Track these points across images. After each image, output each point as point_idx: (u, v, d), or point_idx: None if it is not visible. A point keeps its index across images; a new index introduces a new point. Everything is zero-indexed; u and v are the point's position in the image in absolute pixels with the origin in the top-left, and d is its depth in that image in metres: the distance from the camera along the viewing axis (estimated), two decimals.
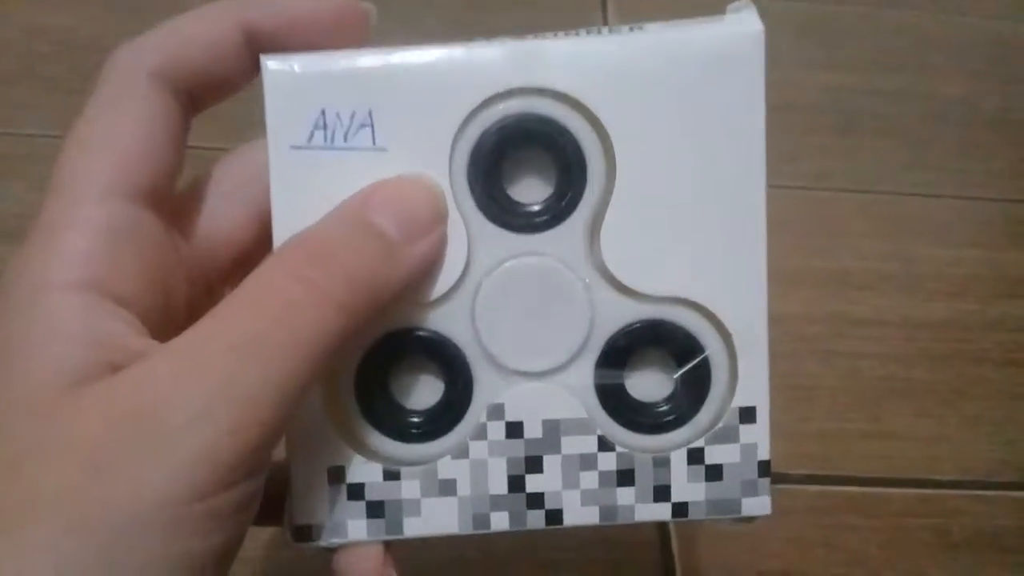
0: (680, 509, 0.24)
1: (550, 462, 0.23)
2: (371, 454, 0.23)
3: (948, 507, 0.41)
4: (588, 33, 0.22)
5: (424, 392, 0.24)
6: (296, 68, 0.22)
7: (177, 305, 0.22)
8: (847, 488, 0.41)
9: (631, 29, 0.22)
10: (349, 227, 0.21)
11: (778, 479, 0.37)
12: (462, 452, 0.23)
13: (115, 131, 0.21)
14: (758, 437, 0.23)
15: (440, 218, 0.22)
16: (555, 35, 0.22)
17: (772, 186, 0.23)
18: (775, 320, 0.23)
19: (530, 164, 0.23)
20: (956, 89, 0.57)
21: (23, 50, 0.50)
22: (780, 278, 0.24)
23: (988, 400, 0.44)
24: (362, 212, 0.21)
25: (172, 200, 0.22)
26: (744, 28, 0.22)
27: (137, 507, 0.17)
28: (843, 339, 0.45)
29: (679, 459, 0.24)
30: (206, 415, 0.18)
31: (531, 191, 0.23)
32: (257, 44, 0.22)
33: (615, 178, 0.22)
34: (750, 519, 0.24)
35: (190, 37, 0.21)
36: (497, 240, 0.23)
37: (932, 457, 0.42)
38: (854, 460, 0.42)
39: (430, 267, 0.22)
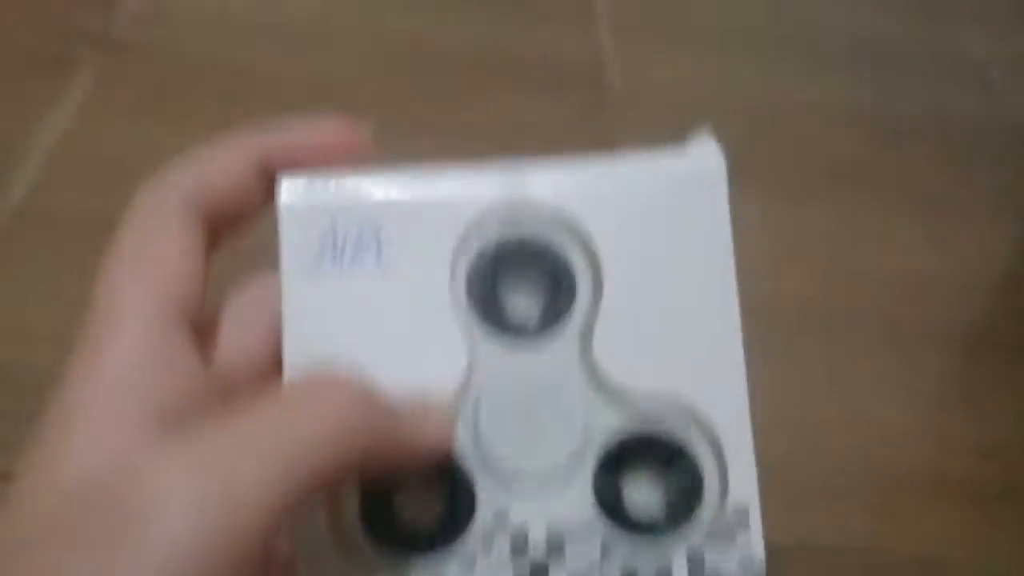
0: None
1: (555, 570, 0.23)
2: (378, 570, 0.23)
3: None
4: (572, 161, 0.25)
5: (428, 504, 0.24)
6: (307, 192, 0.24)
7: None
8: None
9: (611, 157, 0.25)
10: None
11: None
12: (468, 564, 0.23)
13: (152, 255, 0.22)
14: (752, 538, 0.24)
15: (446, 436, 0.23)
16: (543, 161, 0.25)
17: None
18: None
19: (524, 278, 0.25)
20: None
21: None
22: None
23: None
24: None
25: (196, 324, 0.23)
26: (707, 160, 0.25)
27: None
28: None
29: (680, 566, 0.24)
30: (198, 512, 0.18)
31: (525, 304, 0.24)
32: (272, 170, 0.24)
33: (603, 290, 0.24)
34: None
35: (215, 167, 0.23)
36: (495, 352, 0.24)
37: None
38: None
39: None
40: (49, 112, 0.68)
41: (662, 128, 0.31)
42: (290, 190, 0.24)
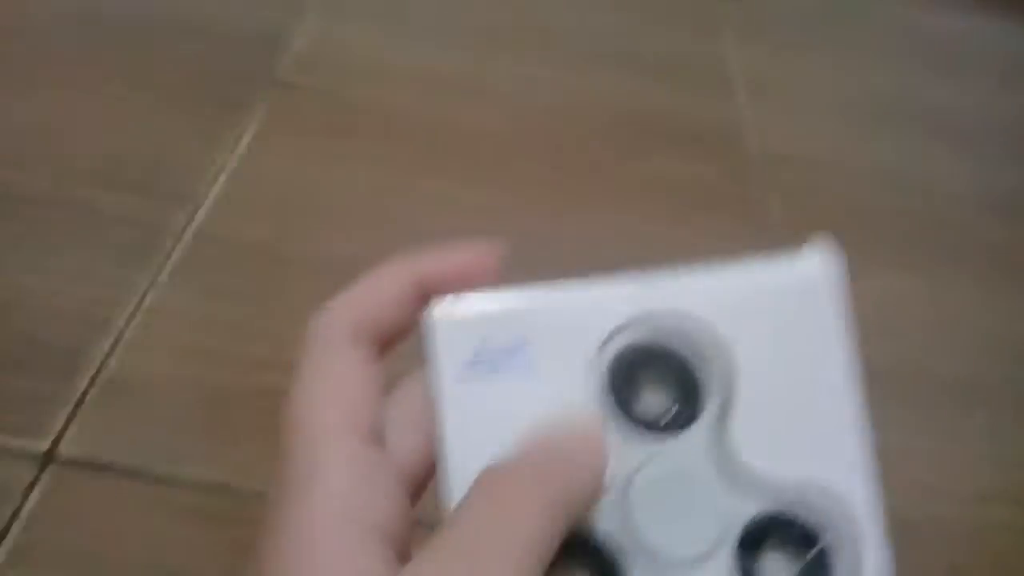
0: None
1: None
2: None
3: None
4: (708, 267, 0.27)
5: None
6: (456, 314, 0.26)
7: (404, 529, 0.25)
8: None
9: (736, 264, 0.27)
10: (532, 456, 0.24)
11: None
12: None
13: (338, 384, 0.24)
14: None
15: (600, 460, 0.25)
16: (669, 269, 0.27)
17: None
18: None
19: (656, 380, 0.26)
20: None
21: None
22: None
23: None
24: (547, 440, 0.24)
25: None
26: (822, 260, 0.27)
27: None
28: None
29: None
30: None
31: (659, 403, 0.26)
32: (426, 292, 0.26)
33: (735, 386, 0.26)
34: None
35: (378, 296, 0.26)
36: (634, 445, 0.26)
37: None
38: None
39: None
40: (226, 146, 0.73)
41: None
42: (442, 309, 0.26)
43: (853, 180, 0.85)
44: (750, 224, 0.78)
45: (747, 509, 0.26)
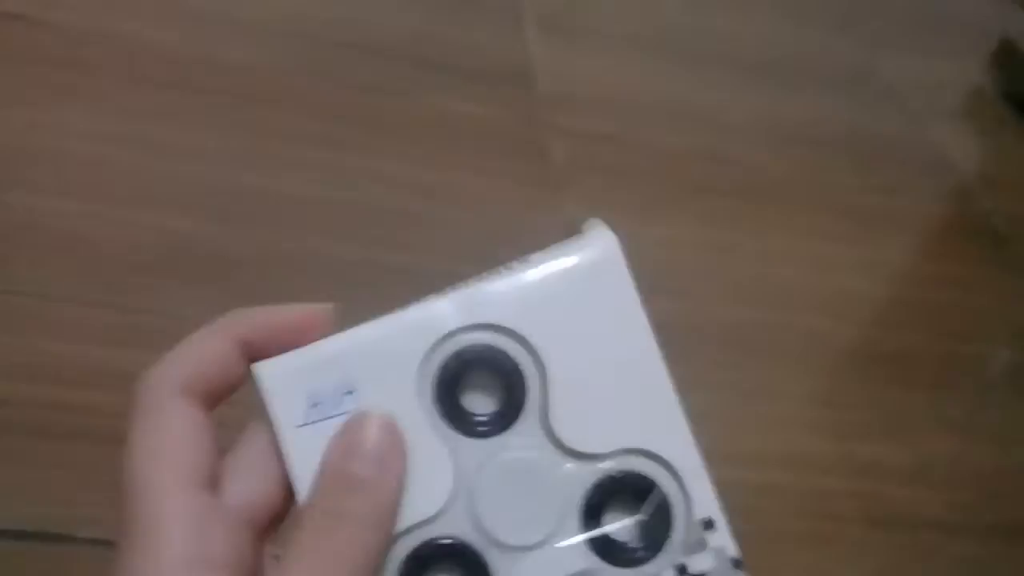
0: None
1: None
2: None
3: None
4: (501, 273, 0.29)
5: None
6: (281, 369, 0.28)
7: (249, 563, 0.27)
8: None
9: (526, 264, 0.30)
10: (338, 486, 0.27)
11: None
12: None
13: (171, 436, 0.26)
14: (723, 540, 0.29)
15: (395, 444, 0.27)
16: (477, 278, 0.29)
17: None
18: None
19: (479, 382, 0.29)
20: None
21: None
22: None
23: None
24: (343, 467, 0.27)
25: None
26: (602, 243, 0.30)
27: None
28: None
29: None
30: None
31: (485, 402, 0.29)
32: (248, 351, 0.28)
33: (547, 378, 0.29)
34: None
35: (201, 357, 0.28)
36: (471, 448, 0.28)
37: None
38: None
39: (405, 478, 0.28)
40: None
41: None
42: (267, 367, 0.28)
43: (644, 117, 0.87)
44: (535, 165, 0.79)
45: (582, 483, 0.28)
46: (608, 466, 0.29)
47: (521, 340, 0.29)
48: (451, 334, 0.29)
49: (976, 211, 0.91)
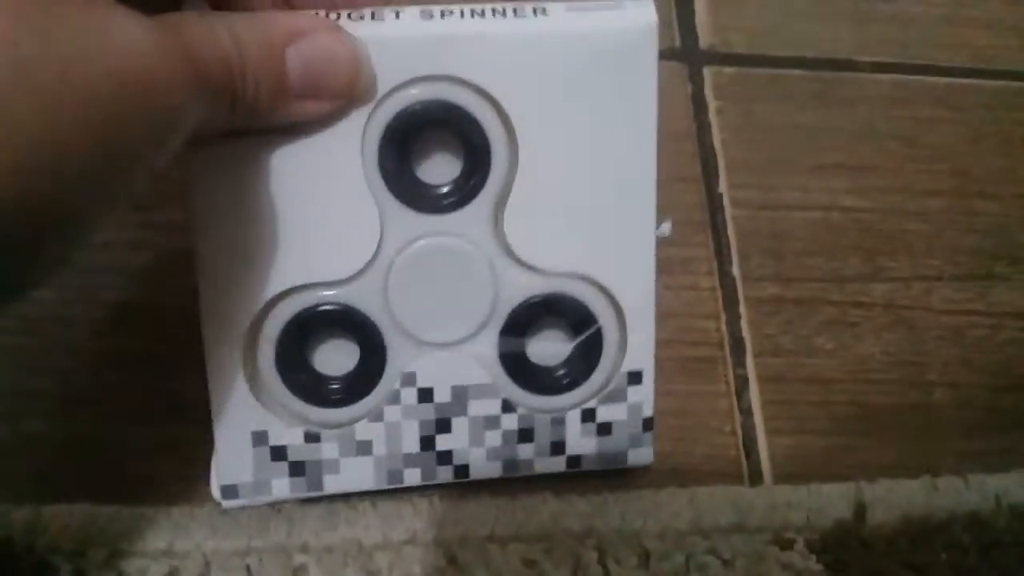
0: (573, 461, 0.26)
1: (458, 424, 0.26)
2: (292, 419, 0.25)
3: None
4: (494, 14, 0.23)
5: (342, 361, 0.25)
6: None
7: None
8: (928, 78, 0.37)
9: (535, 12, 0.23)
10: (263, 51, 0.21)
11: (844, 66, 0.36)
12: (377, 416, 0.25)
13: None
14: (643, 397, 0.26)
15: (342, 92, 0.22)
16: (462, 12, 0.23)
17: None
18: None
19: (439, 145, 0.24)
20: None
21: None
22: None
23: None
24: (284, 44, 0.21)
25: None
26: (638, 21, 0.23)
27: None
28: None
29: (574, 418, 0.26)
30: None
31: (440, 171, 0.24)
32: None
33: (518, 163, 0.24)
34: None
35: None
36: (408, 220, 0.24)
37: None
38: (936, 48, 0.38)
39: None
40: None
41: None
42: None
43: None
44: None
45: (515, 294, 0.25)
46: (550, 283, 0.25)
47: (499, 110, 0.24)
48: (417, 80, 0.23)
49: None
